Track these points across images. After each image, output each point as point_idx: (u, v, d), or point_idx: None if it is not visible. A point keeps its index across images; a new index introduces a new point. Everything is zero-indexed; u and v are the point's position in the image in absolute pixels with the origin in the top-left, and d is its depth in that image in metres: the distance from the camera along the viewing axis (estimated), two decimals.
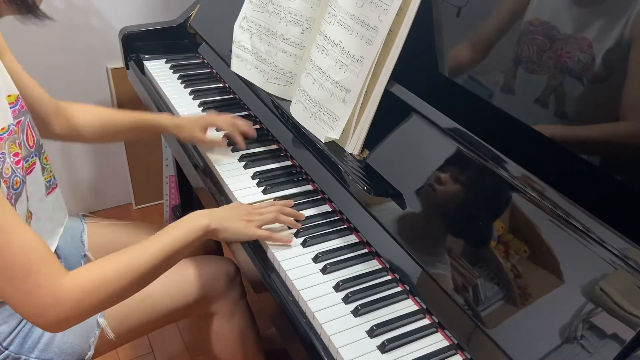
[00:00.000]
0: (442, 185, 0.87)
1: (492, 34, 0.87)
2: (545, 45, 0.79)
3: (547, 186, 0.75)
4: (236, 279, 1.14)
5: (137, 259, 0.81)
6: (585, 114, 0.77)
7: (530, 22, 0.81)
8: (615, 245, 0.67)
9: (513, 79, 0.84)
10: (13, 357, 0.92)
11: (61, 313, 0.73)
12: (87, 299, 0.75)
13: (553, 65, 0.78)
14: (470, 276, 0.78)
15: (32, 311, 0.73)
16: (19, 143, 0.87)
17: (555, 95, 0.79)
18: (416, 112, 0.93)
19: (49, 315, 0.73)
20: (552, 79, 0.78)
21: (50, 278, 0.72)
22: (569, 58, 0.76)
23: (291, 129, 1.13)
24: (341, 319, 0.82)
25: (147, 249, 0.83)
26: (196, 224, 0.90)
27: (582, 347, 0.65)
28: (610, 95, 0.73)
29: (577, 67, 0.75)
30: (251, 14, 1.10)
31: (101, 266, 0.78)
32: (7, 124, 0.84)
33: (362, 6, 0.92)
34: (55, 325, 0.75)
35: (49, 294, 0.72)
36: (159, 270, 0.85)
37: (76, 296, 0.74)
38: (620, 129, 0.72)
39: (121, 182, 2.07)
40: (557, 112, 0.80)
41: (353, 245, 0.96)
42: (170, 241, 0.85)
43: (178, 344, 1.65)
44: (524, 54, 0.82)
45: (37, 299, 0.72)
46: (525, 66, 0.82)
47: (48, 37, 1.65)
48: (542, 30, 0.79)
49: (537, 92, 0.80)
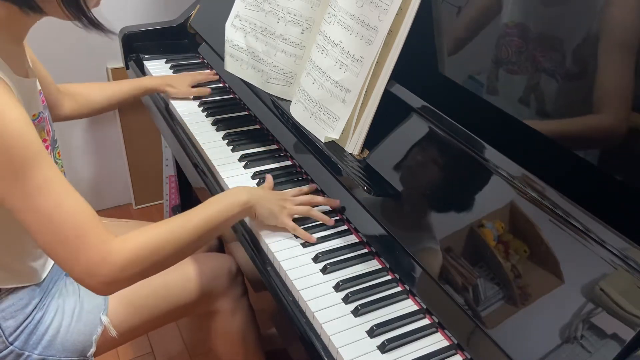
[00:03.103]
0: (442, 185, 0.87)
1: (493, 32, 0.87)
2: (539, 44, 0.79)
3: (547, 186, 0.75)
4: (238, 277, 1.14)
5: (182, 230, 0.83)
6: (586, 113, 0.77)
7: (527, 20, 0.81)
8: (615, 245, 0.67)
9: (513, 78, 0.84)
10: (17, 353, 0.92)
11: (111, 273, 0.76)
12: (135, 262, 0.77)
13: (556, 64, 0.78)
14: (470, 276, 0.78)
15: (82, 270, 0.75)
16: (48, 130, 0.91)
17: (557, 95, 0.79)
18: (416, 112, 0.93)
19: (100, 274, 0.75)
20: (555, 78, 0.78)
21: (100, 239, 0.75)
22: (568, 56, 0.76)
23: (291, 129, 1.13)
24: (341, 319, 0.82)
25: (190, 220, 0.85)
26: (237, 199, 0.92)
27: (582, 347, 0.65)
28: (610, 94, 0.73)
29: (583, 65, 0.75)
30: (244, 13, 1.09)
31: (147, 233, 0.80)
32: (38, 111, 0.89)
33: (362, 6, 0.92)
34: (104, 285, 0.77)
35: (100, 253, 0.75)
36: (200, 241, 0.86)
37: (125, 258, 0.76)
38: (620, 127, 0.72)
39: (121, 182, 2.07)
40: (557, 112, 0.80)
41: (353, 245, 0.96)
42: (212, 214, 0.88)
43: (178, 344, 1.65)
44: (521, 53, 0.82)
45: (87, 258, 0.74)
46: (525, 65, 0.82)
47: (48, 37, 1.64)
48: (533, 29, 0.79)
49: (538, 92, 0.80)
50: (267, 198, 0.97)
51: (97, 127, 1.92)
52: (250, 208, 0.94)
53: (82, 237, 0.74)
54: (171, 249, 0.81)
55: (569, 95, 0.78)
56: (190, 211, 0.87)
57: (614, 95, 0.73)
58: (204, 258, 1.12)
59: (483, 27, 0.89)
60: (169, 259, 0.83)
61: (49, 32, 1.64)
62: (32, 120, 0.85)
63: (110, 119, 1.92)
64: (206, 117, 1.30)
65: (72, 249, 0.74)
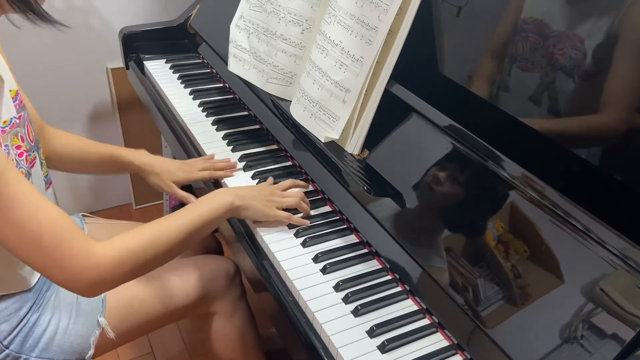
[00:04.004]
0: (442, 185, 0.87)
1: (493, 32, 0.87)
2: (538, 42, 0.79)
3: (547, 186, 0.75)
4: (236, 279, 1.14)
5: (165, 233, 0.84)
6: (586, 113, 0.77)
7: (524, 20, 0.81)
8: (615, 245, 0.67)
9: (513, 78, 0.84)
10: (14, 356, 0.91)
11: (95, 277, 0.76)
12: (118, 265, 0.77)
13: (556, 64, 0.78)
14: (470, 276, 0.78)
15: (67, 277, 0.75)
16: (22, 136, 0.89)
17: (557, 95, 0.79)
18: (416, 112, 0.93)
19: (85, 278, 0.75)
20: (554, 78, 0.78)
21: (82, 245, 0.75)
22: (567, 56, 0.76)
23: (291, 129, 1.13)
24: (341, 319, 0.82)
25: (174, 222, 0.86)
26: (221, 201, 0.93)
27: (582, 347, 0.65)
28: (611, 94, 0.73)
29: (582, 65, 0.75)
30: (248, 14, 1.10)
31: (130, 237, 0.80)
32: (10, 117, 0.86)
33: (362, 6, 0.92)
34: (89, 288, 0.77)
35: (84, 259, 0.75)
36: (184, 244, 0.87)
37: (108, 262, 0.76)
38: (621, 127, 0.72)
39: (121, 182, 2.07)
40: (558, 112, 0.80)
41: (353, 245, 0.96)
42: (196, 217, 0.88)
43: (178, 344, 1.64)
44: (522, 52, 0.81)
45: (70, 266, 0.74)
46: (525, 64, 0.82)
47: (48, 37, 1.64)
48: (534, 28, 0.79)
49: (538, 92, 0.80)
50: (252, 197, 0.97)
51: (97, 127, 1.92)
52: (236, 208, 0.95)
53: (62, 246, 0.73)
54: (155, 252, 0.82)
55: (569, 95, 0.78)
56: (175, 214, 0.88)
57: (614, 95, 0.73)
58: (202, 260, 1.12)
59: (483, 27, 0.89)
60: (154, 261, 0.83)
61: (49, 33, 1.64)
62: (3, 128, 0.83)
63: (110, 119, 1.91)
64: (206, 117, 1.30)
65: (53, 258, 0.74)
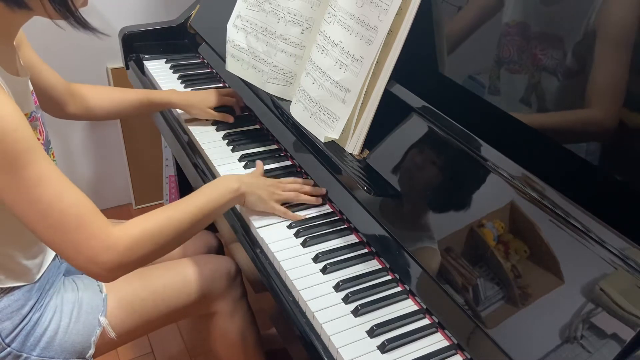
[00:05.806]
0: (442, 185, 0.87)
1: (492, 32, 0.87)
2: (531, 43, 0.79)
3: (547, 186, 0.75)
4: (237, 279, 1.14)
5: (179, 215, 0.87)
6: (586, 113, 0.77)
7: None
8: (615, 245, 0.67)
9: (513, 78, 0.84)
10: (15, 355, 0.92)
11: (114, 259, 0.78)
12: (136, 247, 0.80)
13: (556, 64, 0.78)
14: (470, 276, 0.78)
15: (85, 259, 0.77)
16: (40, 130, 0.91)
17: (556, 95, 0.79)
18: (416, 112, 0.93)
19: (102, 261, 0.78)
20: (555, 77, 0.78)
21: (101, 228, 0.78)
22: (561, 55, 0.76)
23: (291, 129, 1.13)
24: (341, 319, 0.82)
25: (185, 207, 0.89)
26: (228, 186, 0.95)
27: (582, 347, 0.65)
28: (612, 94, 0.73)
29: (582, 64, 0.75)
30: (245, 13, 1.10)
31: (146, 220, 0.84)
32: (30, 110, 0.89)
33: (362, 6, 0.92)
34: (108, 272, 0.79)
35: (102, 241, 0.77)
36: (195, 228, 0.90)
37: (126, 244, 0.79)
38: (620, 127, 0.72)
39: (121, 182, 2.07)
40: (557, 111, 0.80)
41: (353, 245, 0.96)
42: (206, 202, 0.91)
43: (178, 344, 1.65)
44: (522, 52, 0.82)
45: (90, 247, 0.77)
46: (526, 65, 0.82)
47: (48, 37, 1.64)
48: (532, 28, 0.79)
49: (538, 92, 0.80)
50: (257, 185, 0.99)
51: (97, 127, 1.92)
52: (241, 195, 0.97)
53: (83, 227, 0.76)
54: (169, 235, 0.85)
55: (569, 94, 0.78)
56: (184, 199, 0.90)
57: (614, 94, 0.73)
58: (203, 260, 1.12)
59: (482, 27, 0.89)
60: (168, 244, 0.86)
61: (48, 32, 1.64)
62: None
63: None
64: None
65: (74, 239, 0.76)
